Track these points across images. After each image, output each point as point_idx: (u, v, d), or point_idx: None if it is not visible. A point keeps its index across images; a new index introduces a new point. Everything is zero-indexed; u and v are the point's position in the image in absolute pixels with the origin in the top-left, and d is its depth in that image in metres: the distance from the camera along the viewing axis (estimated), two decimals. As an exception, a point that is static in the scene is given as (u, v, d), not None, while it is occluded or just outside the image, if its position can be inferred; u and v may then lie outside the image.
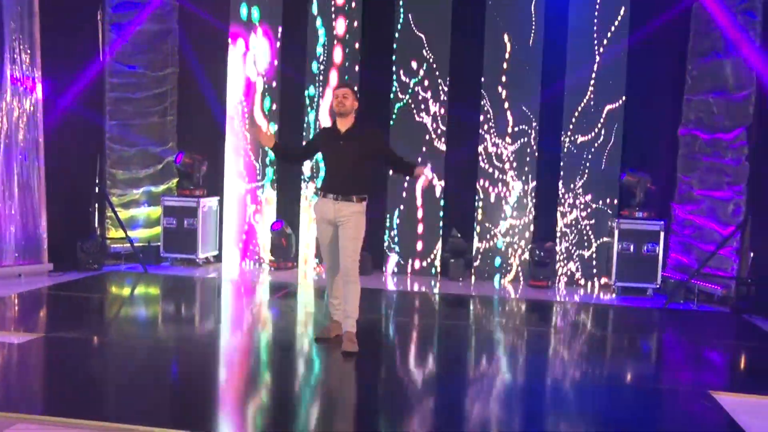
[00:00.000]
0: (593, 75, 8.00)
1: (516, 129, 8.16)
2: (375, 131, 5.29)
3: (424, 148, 8.29)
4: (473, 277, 8.30)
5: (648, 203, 7.69)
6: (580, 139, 8.06)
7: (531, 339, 5.98)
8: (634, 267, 7.64)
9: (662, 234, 7.60)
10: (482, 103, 8.20)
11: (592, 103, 8.03)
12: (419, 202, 8.39)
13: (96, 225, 8.33)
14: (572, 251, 8.12)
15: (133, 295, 7.37)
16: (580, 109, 8.05)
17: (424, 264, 8.45)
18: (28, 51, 7.40)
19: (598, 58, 7.99)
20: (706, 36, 7.58)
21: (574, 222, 8.11)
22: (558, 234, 8.15)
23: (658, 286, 7.65)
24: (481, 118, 8.22)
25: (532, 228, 8.23)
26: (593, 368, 5.26)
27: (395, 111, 8.38)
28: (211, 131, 8.79)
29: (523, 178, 8.18)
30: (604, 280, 8.00)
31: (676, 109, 7.89)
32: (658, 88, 8.05)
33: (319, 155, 5.76)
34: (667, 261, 7.89)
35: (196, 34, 8.91)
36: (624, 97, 7.96)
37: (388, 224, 8.47)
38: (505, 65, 8.16)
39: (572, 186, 8.10)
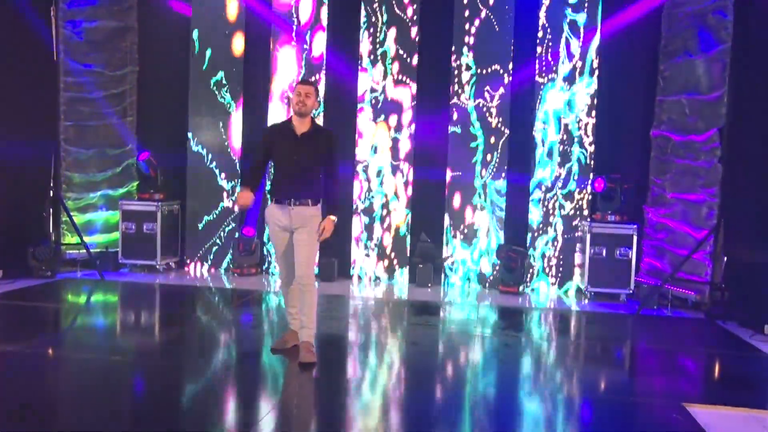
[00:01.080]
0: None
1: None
2: (330, 134, 4.98)
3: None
4: (447, 283, 8.08)
5: (621, 206, 7.52)
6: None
7: (498, 348, 5.75)
8: (606, 272, 7.45)
9: (635, 238, 7.42)
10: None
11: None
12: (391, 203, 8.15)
13: (51, 230, 7.98)
14: (546, 255, 7.92)
15: (86, 303, 7.04)
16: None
17: (394, 269, 8.21)
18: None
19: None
20: (678, 35, 7.43)
21: (545, 226, 7.91)
22: (529, 237, 7.95)
23: (631, 291, 7.47)
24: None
25: (503, 231, 8.02)
26: (562, 378, 5.05)
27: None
28: (173, 132, 8.50)
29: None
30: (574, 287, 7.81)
31: (648, 110, 7.73)
32: (629, 89, 7.88)
33: None
34: (640, 266, 7.72)
35: (159, 31, 8.61)
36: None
37: (354, 227, 8.23)
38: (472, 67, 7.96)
39: (543, 187, 7.90)
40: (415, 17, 8.04)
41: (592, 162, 7.78)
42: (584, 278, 7.53)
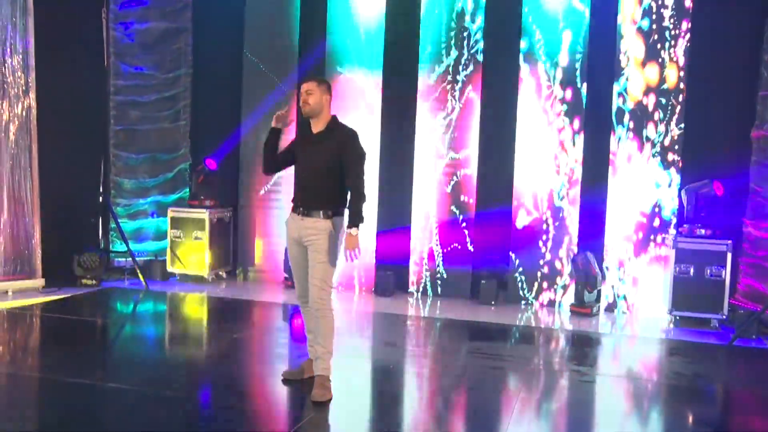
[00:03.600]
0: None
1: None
2: (346, 132, 4.33)
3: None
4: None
5: (712, 218, 6.53)
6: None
7: (569, 384, 4.95)
8: (694, 294, 6.48)
9: (729, 255, 6.41)
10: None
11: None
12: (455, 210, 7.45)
13: (99, 237, 7.78)
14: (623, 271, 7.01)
15: (122, 317, 6.71)
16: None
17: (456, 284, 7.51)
18: (21, 51, 6.90)
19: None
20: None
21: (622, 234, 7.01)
22: (605, 251, 7.05)
23: (724, 317, 6.46)
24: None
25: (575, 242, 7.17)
26: (639, 422, 4.23)
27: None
28: (227, 136, 8.15)
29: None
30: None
31: (745, 106, 6.68)
32: (721, 83, 6.84)
33: None
34: (737, 287, 6.69)
35: (213, 33, 8.29)
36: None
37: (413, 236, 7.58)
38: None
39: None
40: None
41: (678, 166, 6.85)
42: (668, 300, 6.58)
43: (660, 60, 6.85)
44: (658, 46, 6.84)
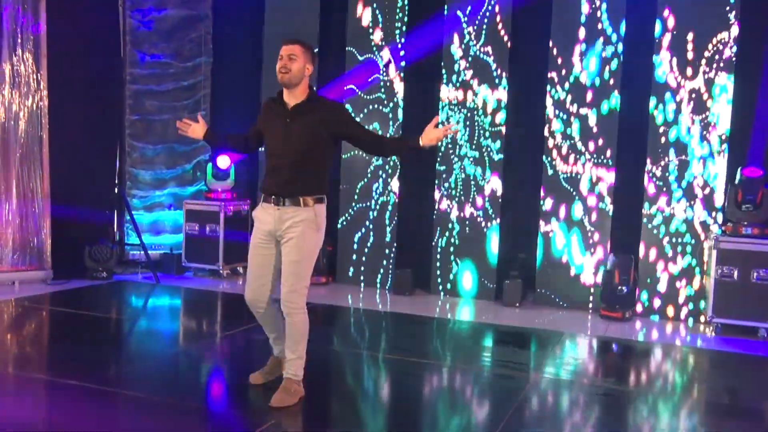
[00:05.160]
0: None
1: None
2: (335, 105, 3.92)
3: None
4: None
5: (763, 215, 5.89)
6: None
7: (590, 400, 4.44)
8: (738, 299, 5.84)
9: (780, 257, 5.76)
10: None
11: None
12: (479, 202, 6.97)
13: (115, 229, 7.61)
14: (658, 272, 6.41)
15: (124, 312, 6.50)
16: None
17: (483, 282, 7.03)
18: (32, 40, 6.75)
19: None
20: None
21: (660, 232, 6.40)
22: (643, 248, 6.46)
23: (773, 325, 5.81)
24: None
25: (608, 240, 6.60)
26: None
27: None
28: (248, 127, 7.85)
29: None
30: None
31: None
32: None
33: None
34: (788, 292, 6.01)
35: (234, 21, 8.04)
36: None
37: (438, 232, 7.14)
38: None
39: (660, 184, 6.40)
40: None
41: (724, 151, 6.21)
42: (708, 305, 5.96)
43: None
44: None
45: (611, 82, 6.49)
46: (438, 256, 7.12)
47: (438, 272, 7.13)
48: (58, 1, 6.88)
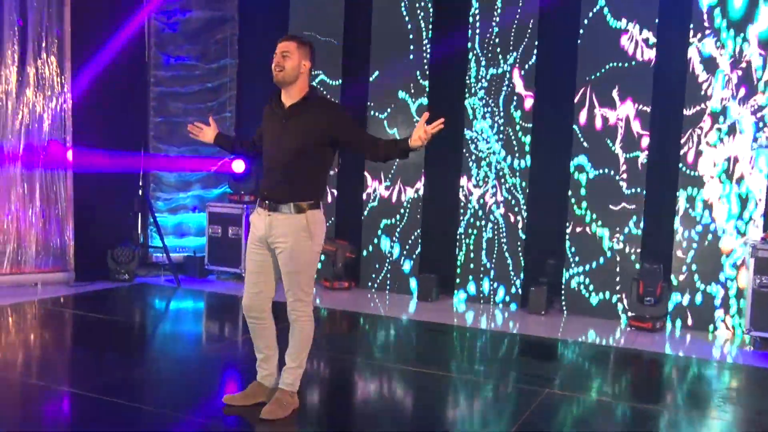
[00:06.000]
0: None
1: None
2: (331, 105, 3.72)
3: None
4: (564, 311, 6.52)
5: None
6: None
7: (623, 415, 4.19)
8: (778, 311, 5.49)
9: (824, 266, 5.39)
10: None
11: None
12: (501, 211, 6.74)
13: (138, 231, 7.61)
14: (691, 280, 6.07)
15: (141, 313, 6.46)
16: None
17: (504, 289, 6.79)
18: (56, 40, 6.79)
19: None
20: None
21: (691, 238, 6.07)
22: (677, 255, 6.13)
23: (816, 339, 5.44)
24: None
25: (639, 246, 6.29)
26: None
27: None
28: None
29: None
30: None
31: None
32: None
33: None
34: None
35: (260, 22, 7.97)
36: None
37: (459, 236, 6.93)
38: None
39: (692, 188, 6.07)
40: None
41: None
42: (746, 317, 5.61)
43: None
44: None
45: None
46: (462, 261, 6.90)
47: (462, 278, 6.92)
48: (83, 3, 6.90)
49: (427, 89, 7.00)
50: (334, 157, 3.85)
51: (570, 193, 6.46)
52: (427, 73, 7.01)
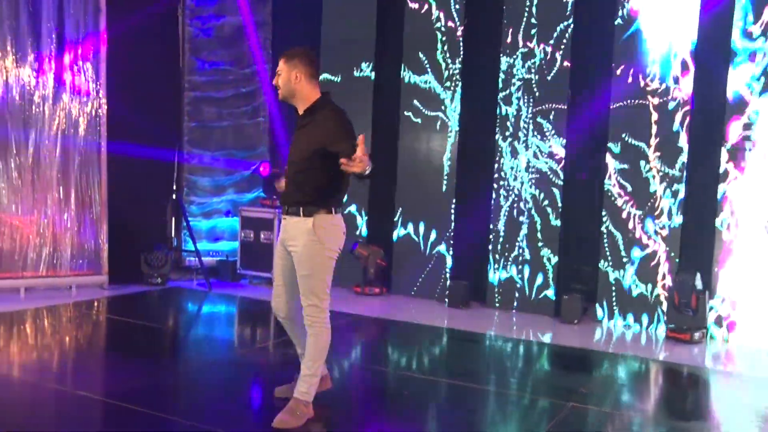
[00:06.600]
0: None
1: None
2: (328, 115, 3.60)
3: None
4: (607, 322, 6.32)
5: None
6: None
7: None
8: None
9: None
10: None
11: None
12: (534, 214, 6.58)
13: (172, 235, 7.67)
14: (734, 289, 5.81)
15: (169, 317, 6.48)
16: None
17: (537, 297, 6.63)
18: (92, 47, 6.90)
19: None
20: None
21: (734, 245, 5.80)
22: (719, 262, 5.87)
23: None
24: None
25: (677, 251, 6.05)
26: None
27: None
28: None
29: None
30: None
31: None
32: None
33: None
34: None
35: (293, 27, 7.97)
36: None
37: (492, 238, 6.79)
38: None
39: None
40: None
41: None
42: (791, 329, 5.34)
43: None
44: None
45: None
46: (495, 268, 6.76)
47: (493, 284, 6.78)
48: (118, 10, 6.99)
49: (460, 92, 6.90)
50: None
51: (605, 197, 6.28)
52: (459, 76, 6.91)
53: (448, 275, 6.97)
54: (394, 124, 7.26)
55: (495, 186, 6.73)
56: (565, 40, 6.41)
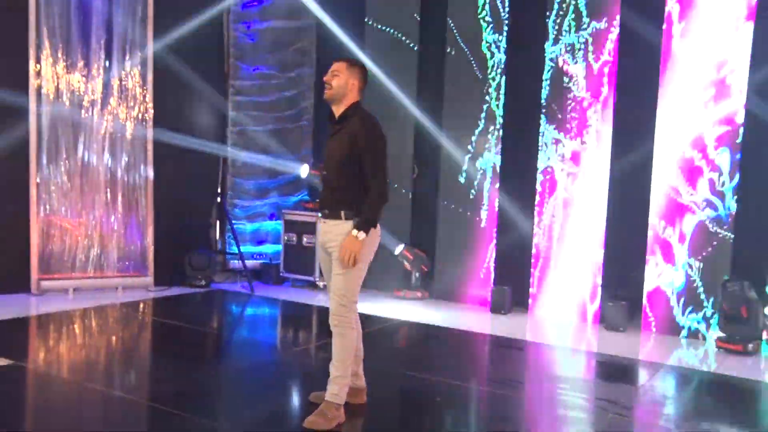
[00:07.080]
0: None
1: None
2: (362, 123, 3.62)
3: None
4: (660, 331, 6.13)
5: None
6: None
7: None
8: None
9: None
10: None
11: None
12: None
13: (216, 238, 7.76)
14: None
15: (210, 319, 6.54)
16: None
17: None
18: (139, 52, 7.03)
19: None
20: None
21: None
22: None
23: None
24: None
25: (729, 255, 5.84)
26: None
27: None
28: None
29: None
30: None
31: None
32: None
33: None
34: None
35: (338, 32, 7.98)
36: None
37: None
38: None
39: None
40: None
41: None
42: None
43: None
44: None
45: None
46: (536, 274, 6.64)
47: (535, 290, 6.65)
48: (164, 16, 7.11)
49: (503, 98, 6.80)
50: None
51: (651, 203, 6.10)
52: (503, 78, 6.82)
53: (491, 281, 6.88)
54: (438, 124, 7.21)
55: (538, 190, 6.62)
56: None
